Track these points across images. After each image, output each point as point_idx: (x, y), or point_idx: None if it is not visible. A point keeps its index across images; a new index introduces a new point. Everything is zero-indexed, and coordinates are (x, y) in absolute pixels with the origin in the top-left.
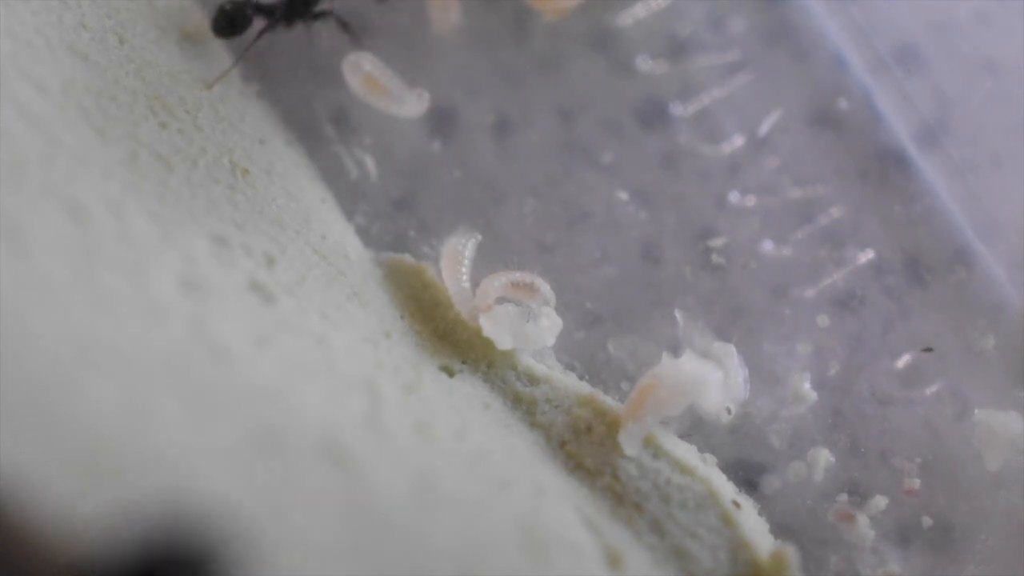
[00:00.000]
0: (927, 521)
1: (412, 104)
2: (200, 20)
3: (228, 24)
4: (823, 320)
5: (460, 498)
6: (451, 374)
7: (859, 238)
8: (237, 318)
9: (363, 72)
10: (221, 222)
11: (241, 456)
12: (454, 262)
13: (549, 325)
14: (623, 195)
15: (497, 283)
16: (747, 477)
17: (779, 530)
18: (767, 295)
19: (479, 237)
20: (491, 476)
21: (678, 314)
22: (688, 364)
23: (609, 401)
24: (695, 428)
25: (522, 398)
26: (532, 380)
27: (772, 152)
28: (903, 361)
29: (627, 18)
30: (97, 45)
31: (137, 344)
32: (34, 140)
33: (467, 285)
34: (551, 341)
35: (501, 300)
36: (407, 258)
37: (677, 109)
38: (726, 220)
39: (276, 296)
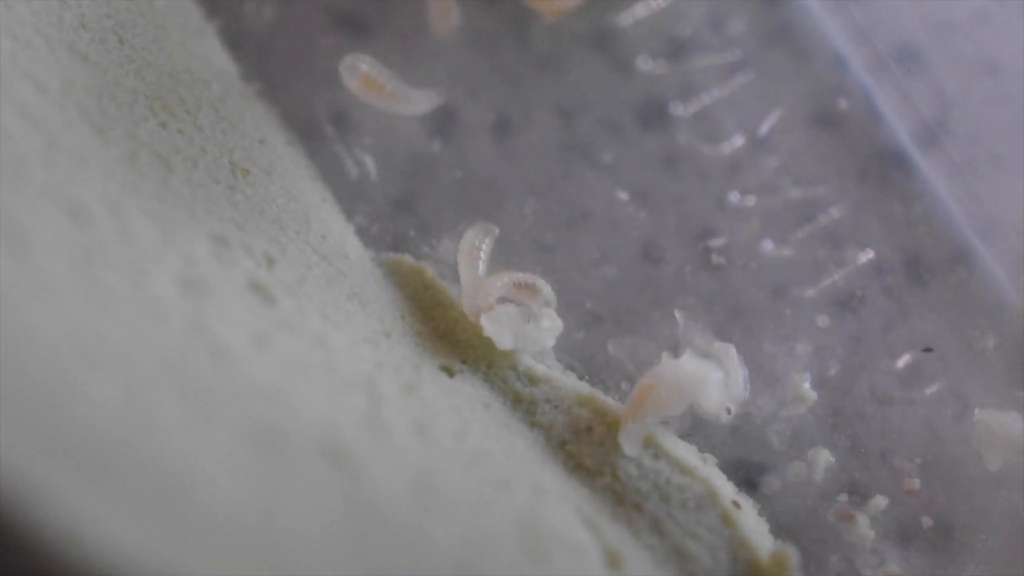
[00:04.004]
0: (927, 521)
1: (420, 102)
2: (200, 20)
3: None
4: (823, 320)
5: (460, 498)
6: (451, 374)
7: (859, 238)
8: (237, 318)
9: (361, 73)
10: (221, 222)
11: (241, 455)
12: (470, 257)
13: (550, 327)
14: (623, 195)
15: (499, 283)
16: (747, 477)
17: (779, 530)
18: (767, 295)
19: (496, 231)
20: (491, 476)
21: (678, 314)
22: (688, 364)
23: (609, 401)
24: (695, 428)
25: (522, 398)
26: (532, 380)
27: (772, 152)
28: (903, 361)
29: (627, 18)
30: (97, 45)
31: (137, 344)
32: (34, 140)
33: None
34: (551, 343)
35: (503, 300)
36: (407, 258)
37: (677, 109)
38: (726, 220)
39: (276, 296)
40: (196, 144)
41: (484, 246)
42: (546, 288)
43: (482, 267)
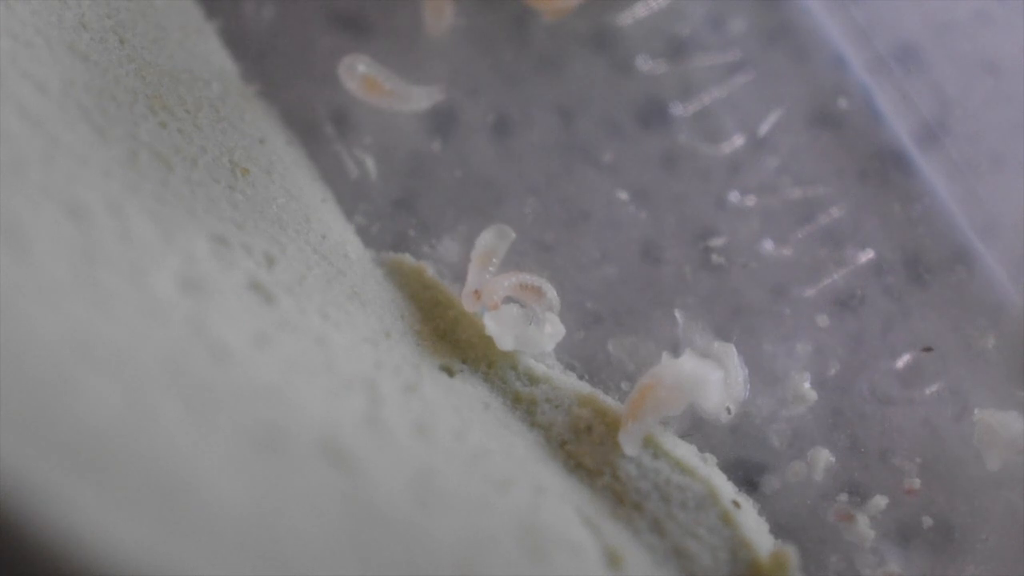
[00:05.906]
0: (927, 521)
1: (422, 99)
2: (200, 20)
3: None
4: (823, 320)
5: (460, 497)
6: (451, 374)
7: (859, 238)
8: (237, 317)
9: (360, 74)
10: (221, 222)
11: (241, 455)
12: (484, 260)
13: (551, 332)
14: (623, 195)
15: (506, 282)
16: (747, 477)
17: (779, 530)
18: (767, 295)
19: (513, 236)
20: (491, 476)
21: (678, 314)
22: (688, 364)
23: (609, 401)
24: (695, 428)
25: (522, 398)
26: (532, 380)
27: (772, 152)
28: (903, 361)
29: (627, 18)
30: (97, 45)
31: (137, 344)
32: (34, 140)
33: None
34: (550, 347)
35: (507, 300)
36: (407, 258)
37: (677, 109)
38: (726, 220)
39: (276, 296)
40: (196, 144)
41: (500, 251)
42: (551, 292)
43: (493, 272)
